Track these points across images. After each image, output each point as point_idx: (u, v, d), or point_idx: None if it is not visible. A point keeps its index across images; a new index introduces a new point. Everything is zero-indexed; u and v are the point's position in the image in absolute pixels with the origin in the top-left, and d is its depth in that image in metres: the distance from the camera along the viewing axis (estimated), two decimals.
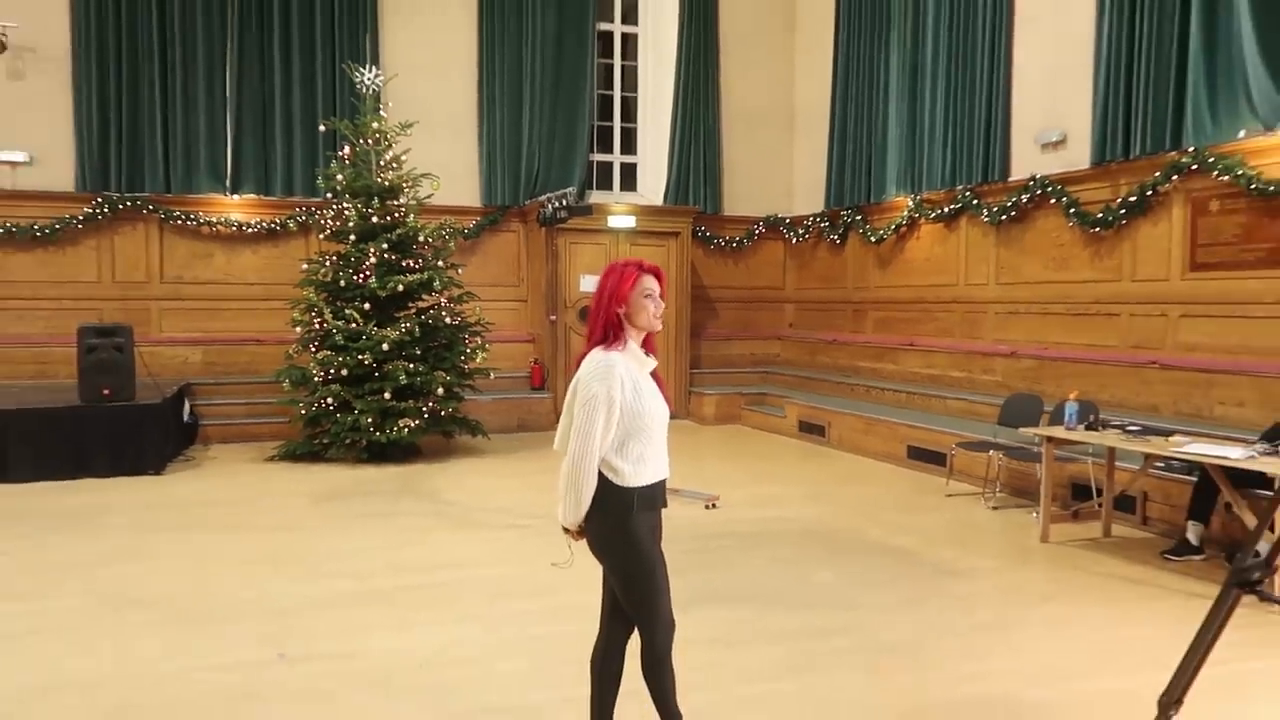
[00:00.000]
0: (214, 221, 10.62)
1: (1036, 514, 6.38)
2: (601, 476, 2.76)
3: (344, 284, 8.73)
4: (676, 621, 2.90)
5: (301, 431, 8.85)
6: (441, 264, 9.20)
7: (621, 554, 2.81)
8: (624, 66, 12.73)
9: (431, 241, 9.20)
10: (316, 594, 4.86)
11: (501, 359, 10.49)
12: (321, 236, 9.74)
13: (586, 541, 2.87)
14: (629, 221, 11.57)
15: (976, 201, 9.44)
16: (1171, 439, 5.48)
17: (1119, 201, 7.85)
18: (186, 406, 9.34)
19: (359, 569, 5.32)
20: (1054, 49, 8.63)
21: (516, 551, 5.70)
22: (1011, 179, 9.07)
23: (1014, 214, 8.98)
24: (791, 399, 11.01)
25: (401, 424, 8.42)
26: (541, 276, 11.44)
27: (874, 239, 11.02)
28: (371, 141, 9.09)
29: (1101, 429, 5.82)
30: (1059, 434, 5.97)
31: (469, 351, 9.12)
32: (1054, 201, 8.52)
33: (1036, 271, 8.88)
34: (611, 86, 12.65)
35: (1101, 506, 6.21)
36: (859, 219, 11.35)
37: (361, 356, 8.38)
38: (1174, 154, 7.36)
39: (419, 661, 3.97)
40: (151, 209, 10.37)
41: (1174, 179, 7.38)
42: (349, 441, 8.50)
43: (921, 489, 7.72)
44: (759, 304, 12.99)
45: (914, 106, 10.32)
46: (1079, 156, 8.33)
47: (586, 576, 3.11)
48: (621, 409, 2.74)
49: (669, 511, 3.02)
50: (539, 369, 11.32)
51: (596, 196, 12.08)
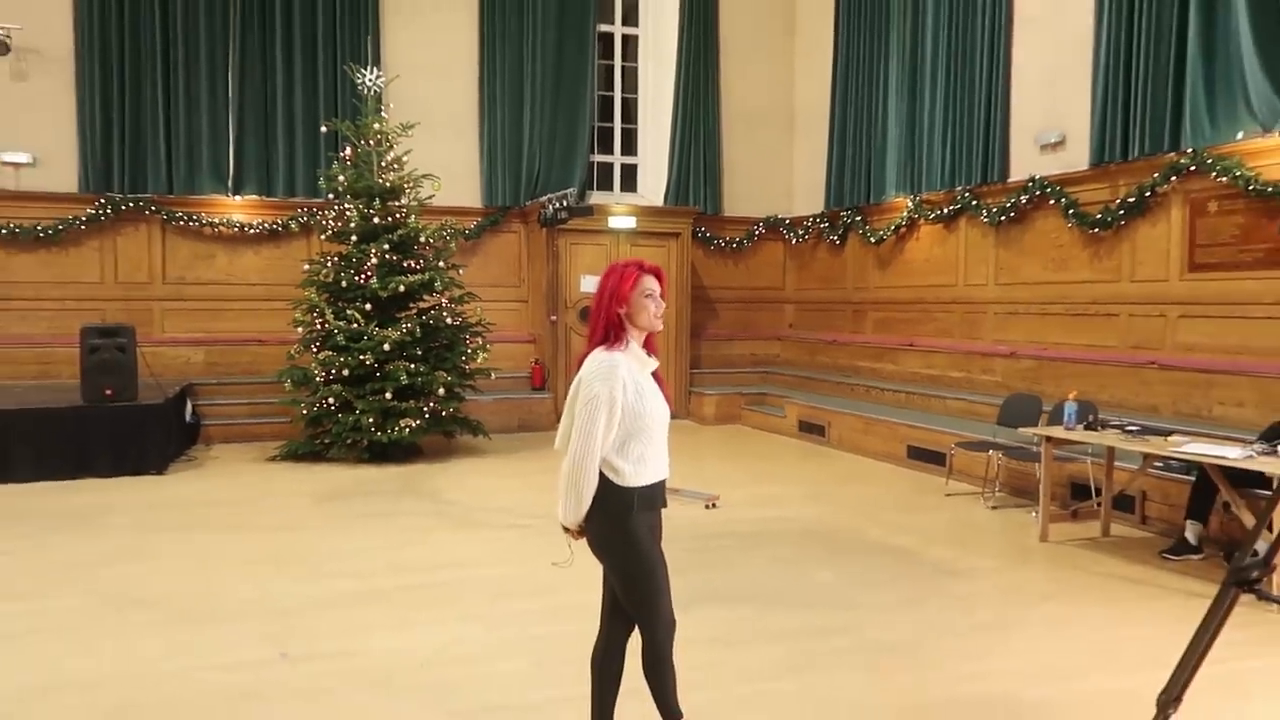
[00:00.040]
0: (216, 222, 10.64)
1: (1036, 514, 6.39)
2: (602, 476, 2.76)
3: (345, 284, 8.75)
4: (677, 621, 2.90)
5: (303, 431, 8.87)
6: (442, 264, 9.23)
7: (621, 553, 2.82)
8: (624, 68, 12.75)
9: (433, 242, 9.22)
10: (318, 593, 4.87)
11: (502, 359, 10.50)
12: (323, 237, 9.74)
13: (586, 541, 2.88)
14: (629, 222, 11.59)
15: (976, 202, 9.45)
16: (1170, 439, 5.49)
17: (1118, 202, 7.87)
18: (188, 406, 9.36)
19: (360, 568, 5.33)
20: (1053, 50, 8.64)
21: (517, 551, 5.71)
22: (1011, 180, 9.08)
23: (1013, 215, 9.00)
24: (791, 399, 11.02)
25: (403, 424, 8.43)
26: (542, 277, 11.46)
27: (874, 240, 11.04)
28: (373, 142, 9.12)
29: (1100, 429, 5.83)
30: (1058, 434, 5.98)
31: (470, 352, 9.13)
32: (1053, 202, 8.54)
33: (1036, 272, 8.89)
34: (612, 88, 12.66)
35: (1101, 506, 6.22)
36: (859, 220, 11.36)
37: (363, 357, 8.40)
38: (1173, 155, 7.38)
39: (420, 661, 3.97)
40: (154, 210, 10.40)
41: (1173, 180, 7.40)
42: (350, 441, 8.52)
43: (921, 489, 7.74)
44: (759, 304, 13.00)
45: (913, 107, 10.33)
46: (1078, 157, 8.34)
47: (587, 576, 3.11)
48: (623, 409, 2.74)
49: (669, 511, 3.02)
50: (540, 369, 11.33)
51: (597, 197, 12.09)
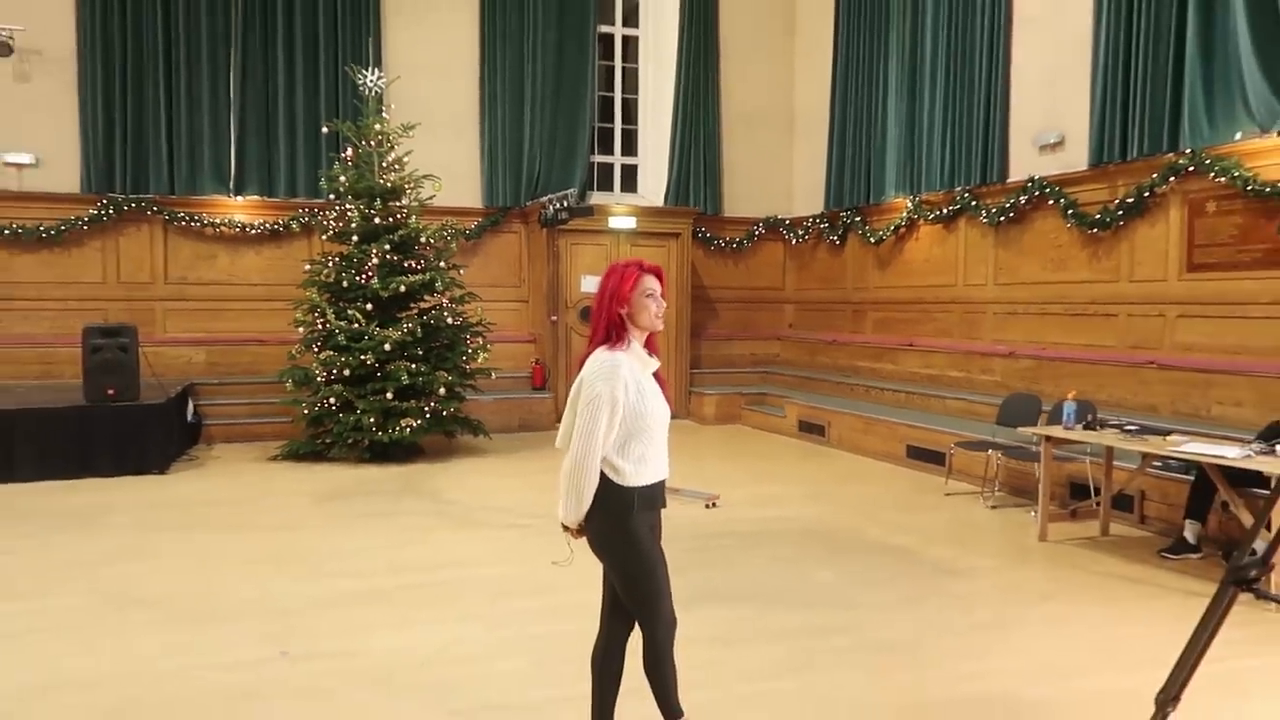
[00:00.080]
0: (218, 223, 10.66)
1: (1035, 513, 6.40)
2: (602, 476, 2.77)
3: (346, 285, 8.77)
4: (677, 619, 2.91)
5: (304, 431, 8.88)
6: (443, 265, 9.24)
7: (622, 553, 2.83)
8: (625, 69, 12.76)
9: (433, 242, 9.24)
10: (318, 593, 4.88)
11: (503, 359, 10.53)
12: (324, 237, 9.75)
13: (587, 540, 2.89)
14: (630, 223, 11.60)
15: (975, 203, 9.47)
16: (1169, 438, 5.50)
17: (1116, 203, 7.89)
18: (190, 406, 9.38)
19: (361, 568, 5.35)
20: (1052, 50, 8.65)
21: (518, 551, 5.72)
22: (1010, 180, 9.10)
23: (1012, 215, 9.01)
24: (791, 399, 11.03)
25: (403, 424, 8.45)
26: (543, 277, 11.47)
27: (873, 240, 11.05)
28: (374, 143, 9.13)
29: (1099, 428, 5.84)
30: (1057, 433, 5.99)
31: (470, 352, 9.14)
32: (1052, 203, 8.55)
33: (1035, 272, 8.90)
34: (612, 88, 12.68)
35: (1100, 505, 6.23)
36: (858, 220, 11.37)
37: (364, 357, 8.41)
38: (1171, 155, 7.39)
39: (420, 660, 3.98)
40: (156, 210, 10.41)
41: (1171, 180, 7.41)
42: (351, 441, 8.54)
43: (921, 488, 7.75)
44: (759, 304, 13.01)
45: (913, 108, 10.35)
46: (1077, 158, 8.36)
47: (587, 575, 3.13)
48: (624, 410, 2.75)
49: (669, 511, 3.03)
50: (540, 369, 11.35)
51: (597, 198, 12.10)
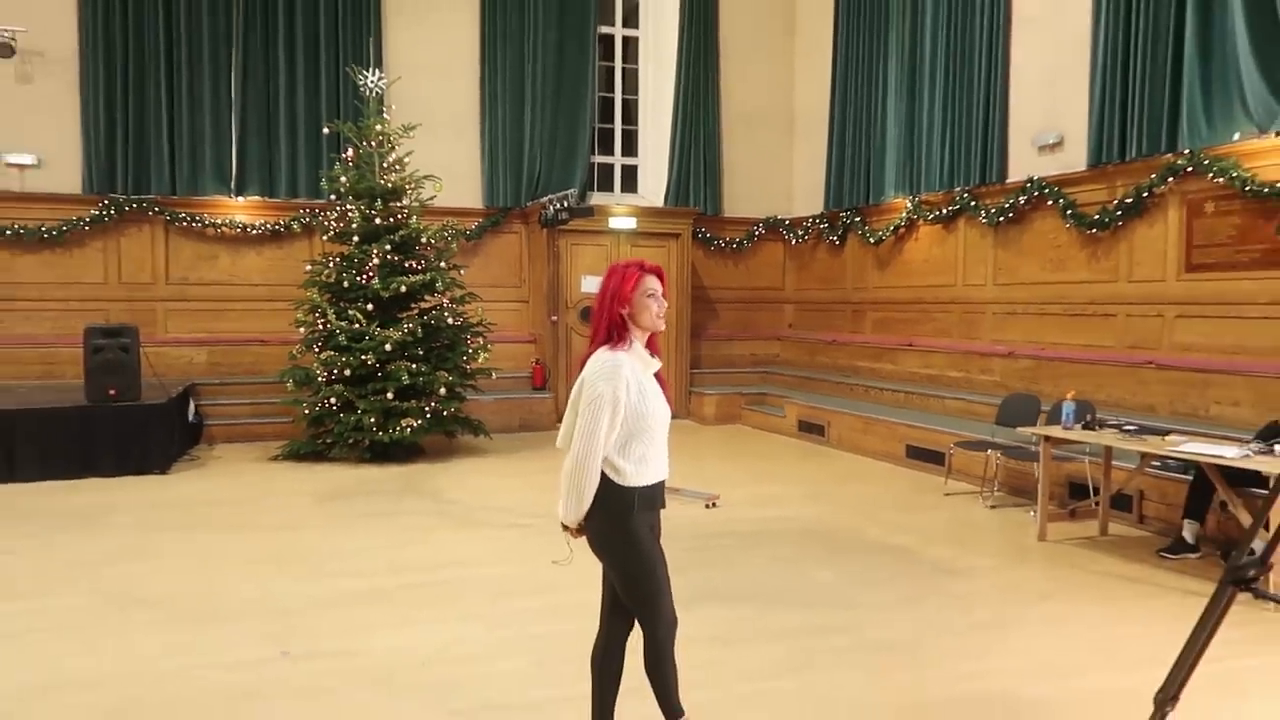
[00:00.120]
0: (219, 223, 10.68)
1: (1034, 513, 6.42)
2: (603, 475, 2.78)
3: (347, 285, 8.78)
4: (678, 619, 2.93)
5: (305, 431, 8.89)
6: (444, 265, 9.25)
7: (622, 552, 2.84)
8: (625, 69, 12.77)
9: (434, 243, 9.26)
10: (319, 593, 4.89)
11: (503, 359, 10.54)
12: (325, 238, 9.76)
13: (587, 539, 2.90)
14: (630, 223, 11.61)
15: (974, 203, 9.48)
16: (1168, 438, 5.51)
17: (1115, 203, 7.90)
18: (191, 406, 9.39)
19: (362, 568, 5.36)
20: (1051, 51, 8.66)
21: (518, 550, 5.73)
22: (1009, 180, 9.11)
23: (1011, 215, 9.03)
24: (791, 399, 11.05)
25: (404, 424, 8.46)
26: (543, 277, 11.49)
27: (873, 240, 11.07)
28: (374, 144, 9.15)
29: (1098, 428, 5.85)
30: (1056, 433, 6.00)
31: (471, 352, 9.15)
32: (1051, 203, 8.56)
33: (1034, 272, 8.92)
34: (612, 89, 12.69)
35: (1098, 505, 6.24)
36: (858, 220, 11.39)
37: (364, 357, 8.43)
38: (1170, 156, 7.41)
39: (421, 659, 4.00)
40: (157, 211, 10.43)
41: (1170, 181, 7.43)
42: (352, 441, 8.55)
43: (920, 488, 7.76)
44: (759, 304, 13.03)
45: (912, 108, 10.36)
46: (1076, 158, 8.37)
47: (587, 575, 3.14)
48: (626, 410, 2.76)
49: (669, 510, 3.05)
50: (540, 369, 11.36)
51: (597, 198, 12.12)
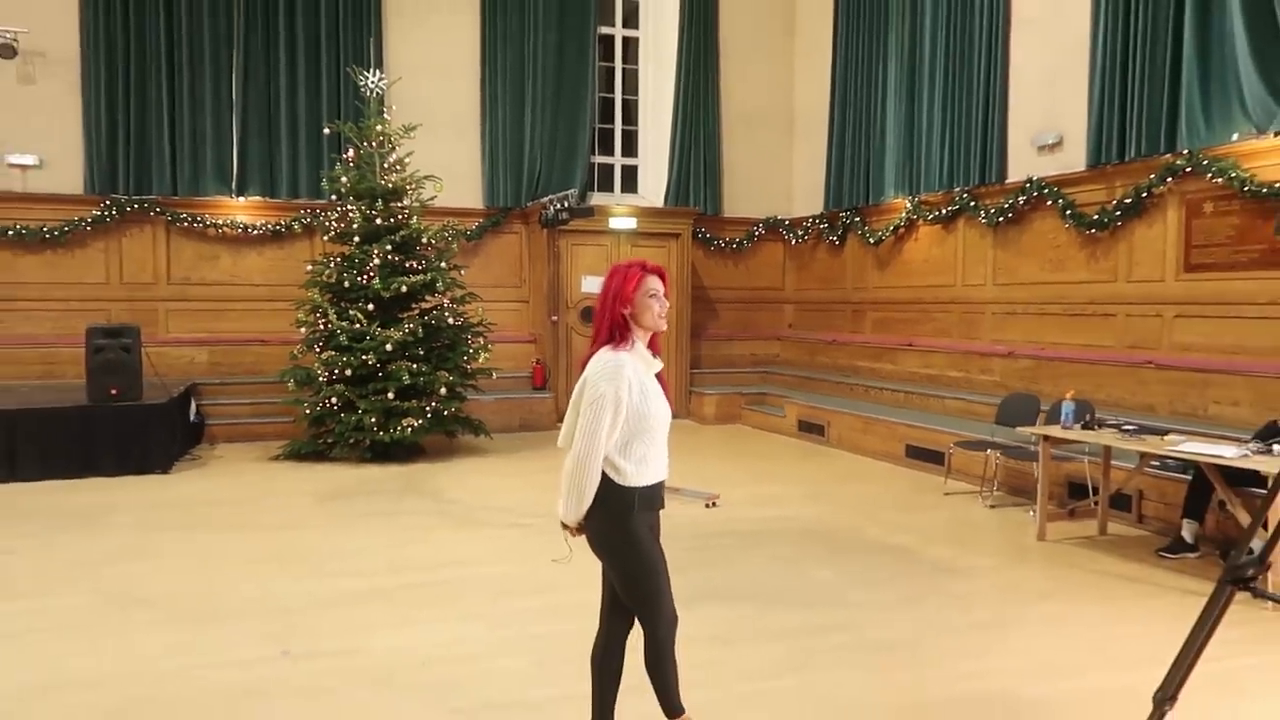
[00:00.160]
0: (220, 223, 10.69)
1: (1033, 512, 6.43)
2: (603, 475, 2.79)
3: (348, 285, 8.79)
4: (678, 618, 2.94)
5: (306, 431, 8.91)
6: (444, 265, 9.26)
7: (622, 552, 2.85)
8: (625, 70, 12.78)
9: (434, 243, 9.27)
10: (320, 592, 4.90)
11: (504, 359, 10.55)
12: (326, 238, 9.77)
13: (586, 539, 2.91)
14: (630, 223, 11.62)
15: (974, 203, 9.49)
16: (1167, 438, 5.52)
17: (1114, 203, 7.91)
18: (192, 406, 9.41)
19: (362, 567, 5.37)
20: (1051, 52, 8.67)
21: (518, 550, 5.74)
22: (1008, 181, 9.12)
23: (1011, 215, 9.03)
24: (791, 399, 11.06)
25: (405, 424, 8.47)
26: (543, 278, 11.50)
27: (872, 240, 11.08)
28: (375, 144, 9.16)
29: (1098, 428, 5.86)
30: (1056, 433, 6.01)
31: (471, 352, 9.16)
32: (1050, 203, 8.57)
33: (1033, 272, 8.93)
34: (612, 89, 12.70)
35: (1098, 505, 6.25)
36: (858, 220, 11.40)
37: (365, 357, 8.44)
38: (1169, 156, 7.42)
39: (421, 659, 4.00)
40: (158, 211, 10.45)
41: (1169, 181, 7.44)
42: (353, 441, 8.56)
43: (920, 488, 7.77)
44: (759, 304, 13.04)
45: (912, 109, 10.37)
46: (1075, 159, 8.38)
47: (587, 574, 3.14)
48: (627, 410, 2.76)
49: (669, 510, 3.05)
50: (541, 369, 11.38)
51: (598, 198, 12.12)
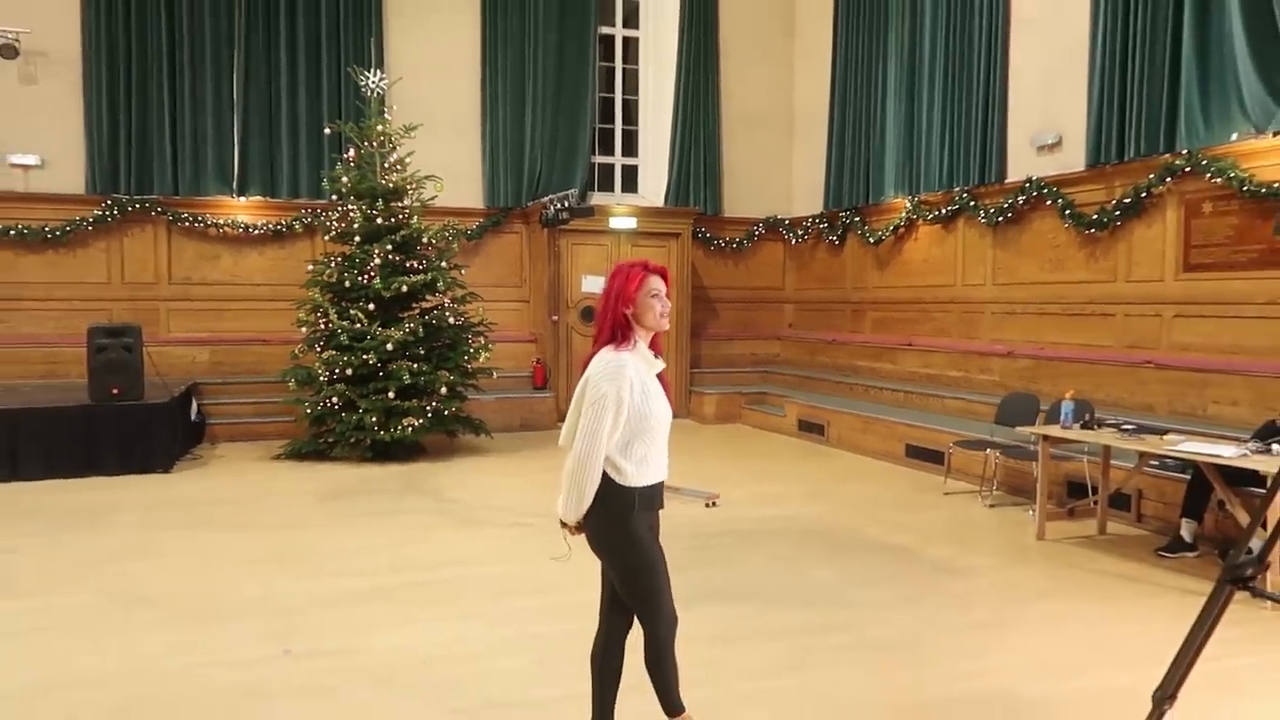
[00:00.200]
0: (221, 223, 10.70)
1: (1033, 512, 6.44)
2: (604, 475, 2.79)
3: (349, 285, 8.80)
4: (678, 616, 2.94)
5: (307, 430, 8.92)
6: (445, 265, 9.27)
7: (622, 551, 2.86)
8: (625, 70, 12.79)
9: (435, 243, 9.28)
10: (321, 591, 4.91)
11: (504, 359, 10.56)
12: (327, 238, 9.77)
13: (586, 538, 2.91)
14: (630, 223, 11.63)
15: (973, 203, 9.50)
16: (1166, 438, 5.53)
17: (1114, 203, 7.92)
18: (194, 406, 9.42)
19: (363, 566, 5.38)
20: (1050, 52, 8.68)
21: (519, 549, 5.74)
22: (1008, 181, 9.13)
23: (1010, 215, 9.05)
24: (791, 398, 11.07)
25: (405, 423, 8.48)
26: (544, 277, 11.51)
27: (872, 240, 11.09)
28: (376, 144, 9.17)
29: (1097, 428, 5.87)
30: (1055, 433, 6.02)
31: (472, 351, 9.17)
32: (1050, 203, 8.58)
33: (1033, 272, 8.94)
34: (613, 89, 12.71)
35: (1097, 504, 6.26)
36: (857, 220, 11.41)
37: (366, 356, 8.45)
38: (1168, 156, 7.43)
39: (422, 658, 4.01)
40: (160, 211, 10.46)
41: (1168, 181, 7.45)
42: (354, 440, 8.57)
43: (919, 487, 7.78)
44: (759, 304, 13.05)
45: (912, 109, 10.38)
46: (1074, 159, 8.39)
47: (588, 574, 3.15)
48: (629, 410, 2.77)
49: (668, 509, 3.06)
50: (541, 368, 11.39)
51: (598, 198, 12.14)
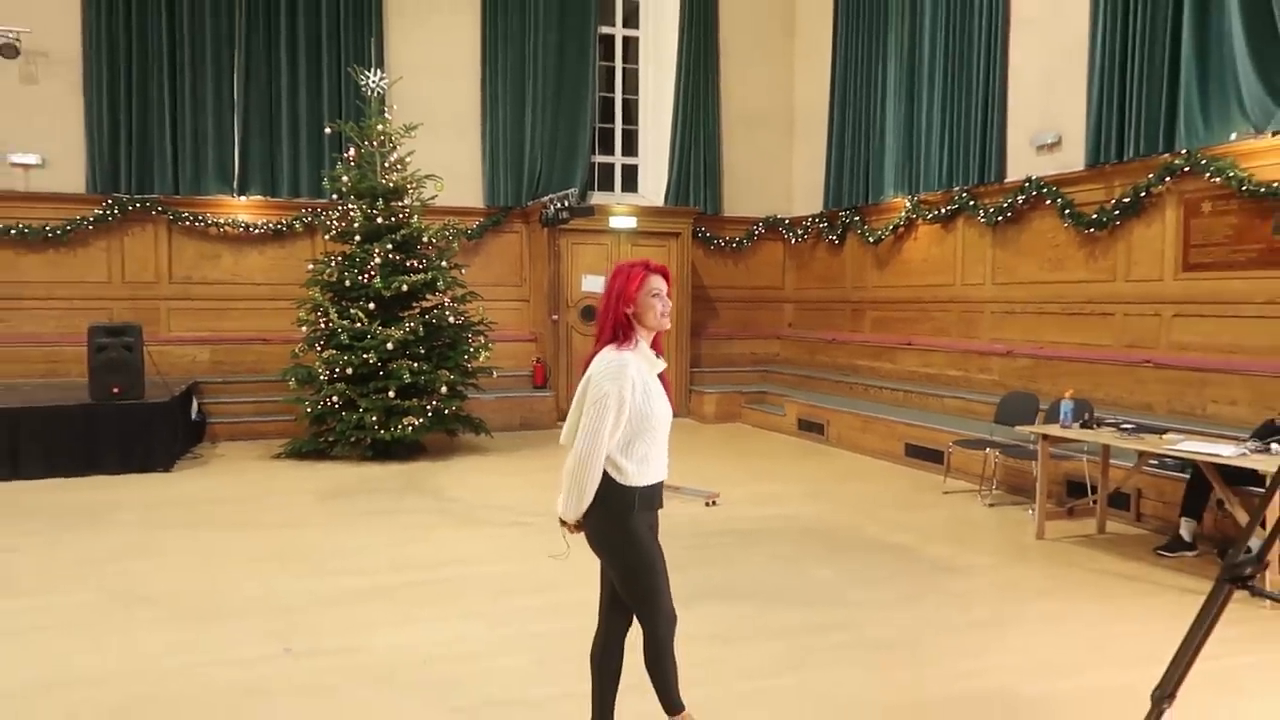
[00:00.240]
0: (221, 223, 10.71)
1: (1032, 511, 6.45)
2: (605, 474, 2.80)
3: (349, 284, 8.81)
4: (678, 616, 2.95)
5: (307, 429, 8.93)
6: (445, 264, 9.28)
7: (621, 550, 2.87)
8: (625, 69, 12.79)
9: (435, 242, 9.29)
10: (322, 590, 4.92)
11: (504, 358, 10.57)
12: (327, 237, 9.78)
13: (585, 536, 2.92)
14: (630, 222, 11.64)
15: (973, 202, 9.51)
16: (1165, 437, 5.54)
17: (1113, 203, 7.93)
18: (194, 405, 9.42)
19: (363, 565, 5.39)
20: (1049, 52, 8.69)
21: (519, 548, 5.75)
22: (1007, 180, 9.14)
23: (1010, 215, 9.05)
24: (791, 398, 11.08)
25: (405, 422, 8.49)
26: (544, 277, 11.52)
27: (872, 239, 11.10)
28: (376, 143, 9.18)
29: (1096, 427, 5.88)
30: (1054, 432, 6.03)
31: (472, 350, 9.18)
32: (1049, 203, 8.59)
33: (1032, 272, 8.94)
34: (613, 89, 12.71)
35: (1096, 504, 6.27)
36: (857, 220, 11.41)
37: (366, 355, 8.46)
38: (1167, 156, 7.44)
39: (422, 657, 4.02)
40: (160, 210, 10.47)
41: (1167, 181, 7.46)
42: (354, 439, 8.58)
43: (919, 486, 7.79)
44: (759, 304, 13.05)
45: (911, 109, 10.38)
46: (1074, 158, 8.39)
47: (587, 573, 3.16)
48: (630, 410, 2.78)
49: (668, 509, 3.07)
50: (541, 368, 11.40)
51: (598, 198, 12.15)
